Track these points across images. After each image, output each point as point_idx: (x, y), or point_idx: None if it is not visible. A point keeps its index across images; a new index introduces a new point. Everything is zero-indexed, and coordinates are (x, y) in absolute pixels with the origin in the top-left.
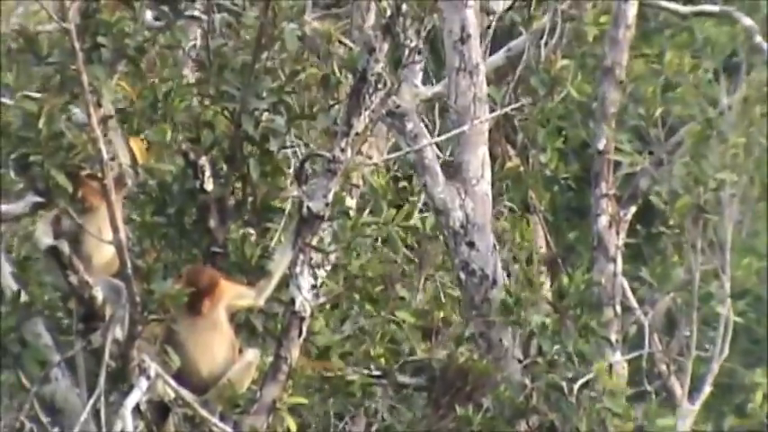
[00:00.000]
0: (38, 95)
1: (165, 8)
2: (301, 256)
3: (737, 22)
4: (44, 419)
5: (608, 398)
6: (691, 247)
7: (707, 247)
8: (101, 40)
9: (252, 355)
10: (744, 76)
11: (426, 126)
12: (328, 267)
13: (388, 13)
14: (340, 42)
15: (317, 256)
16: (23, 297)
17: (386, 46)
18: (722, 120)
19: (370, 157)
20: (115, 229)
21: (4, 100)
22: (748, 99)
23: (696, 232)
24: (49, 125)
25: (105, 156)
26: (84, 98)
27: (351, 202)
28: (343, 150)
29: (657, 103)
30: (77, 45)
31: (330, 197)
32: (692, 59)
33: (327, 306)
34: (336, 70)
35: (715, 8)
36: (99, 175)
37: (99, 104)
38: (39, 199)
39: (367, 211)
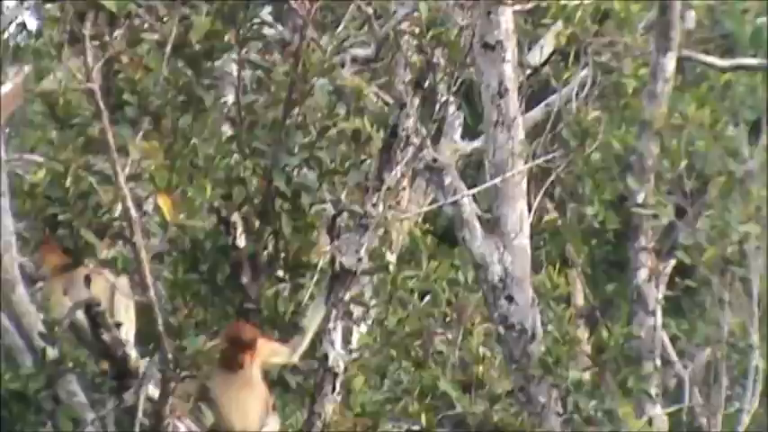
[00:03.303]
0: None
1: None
2: (334, 312)
3: None
4: None
5: None
6: (718, 301)
7: (735, 300)
8: (126, 97)
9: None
10: (765, 127)
11: (465, 181)
12: (369, 322)
13: (419, 67)
14: (378, 97)
15: (357, 311)
16: (53, 355)
17: (416, 101)
18: (745, 172)
19: (404, 212)
20: (145, 287)
21: (32, 157)
22: None
23: (724, 285)
24: (76, 184)
25: (134, 213)
26: (111, 157)
27: (391, 257)
28: (374, 205)
29: (681, 157)
30: (102, 104)
31: (362, 252)
32: (718, 112)
33: (367, 362)
34: (368, 125)
35: (753, 61)
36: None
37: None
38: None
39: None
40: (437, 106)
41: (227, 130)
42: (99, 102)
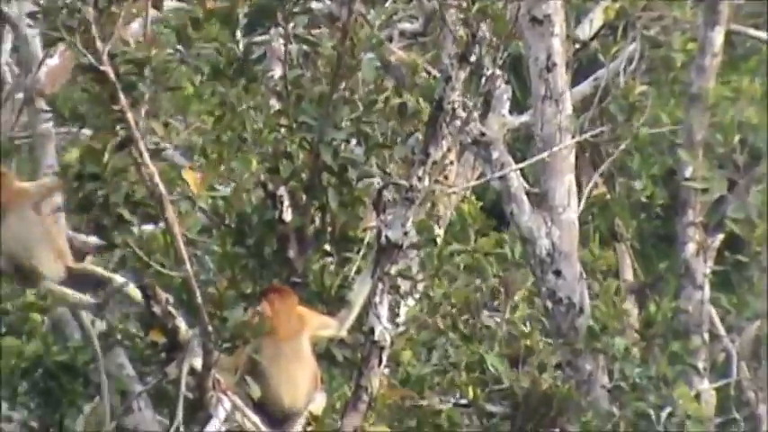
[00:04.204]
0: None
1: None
2: (381, 285)
3: None
4: None
5: (694, 424)
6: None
7: None
8: (143, 76)
9: (321, 398)
10: None
11: (513, 155)
12: (417, 296)
13: (465, 41)
14: (427, 73)
15: (404, 285)
16: (101, 327)
17: (462, 74)
18: None
19: (452, 186)
20: (181, 261)
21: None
22: None
23: None
24: (113, 160)
25: (163, 191)
26: (133, 136)
27: (438, 231)
28: (420, 179)
29: (734, 130)
30: (118, 85)
31: (409, 226)
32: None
33: (414, 335)
34: (414, 99)
35: None
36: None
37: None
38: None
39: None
40: (483, 80)
41: (275, 103)
42: (115, 83)
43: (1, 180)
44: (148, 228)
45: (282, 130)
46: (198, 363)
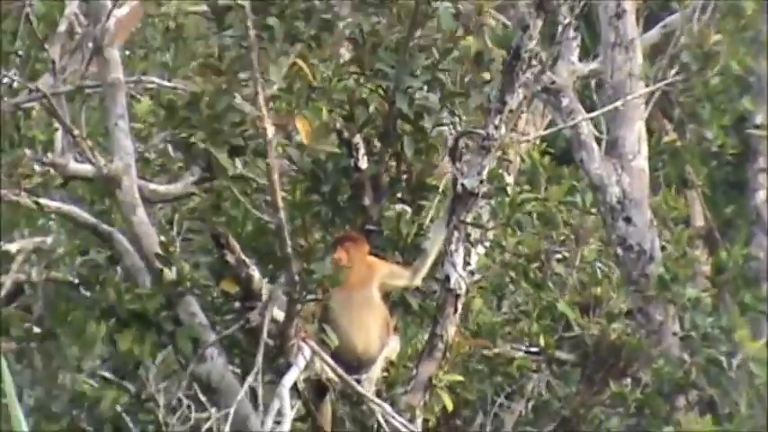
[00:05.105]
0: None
1: None
2: (456, 234)
3: None
4: (201, 398)
5: (757, 366)
6: None
7: None
8: (271, 21)
9: (395, 344)
10: None
11: (583, 102)
12: (487, 244)
13: None
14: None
15: (475, 233)
16: (171, 275)
17: (539, 23)
18: None
19: (523, 134)
20: (276, 209)
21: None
22: None
23: None
24: (211, 106)
25: (271, 134)
26: (253, 76)
27: (509, 179)
28: (496, 127)
29: None
30: (251, 22)
31: (484, 174)
32: None
33: (485, 284)
34: (491, 46)
35: None
36: None
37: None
38: (196, 178)
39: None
40: (559, 28)
41: (344, 52)
42: (248, 18)
43: None
44: None
45: (359, 78)
46: (276, 311)
